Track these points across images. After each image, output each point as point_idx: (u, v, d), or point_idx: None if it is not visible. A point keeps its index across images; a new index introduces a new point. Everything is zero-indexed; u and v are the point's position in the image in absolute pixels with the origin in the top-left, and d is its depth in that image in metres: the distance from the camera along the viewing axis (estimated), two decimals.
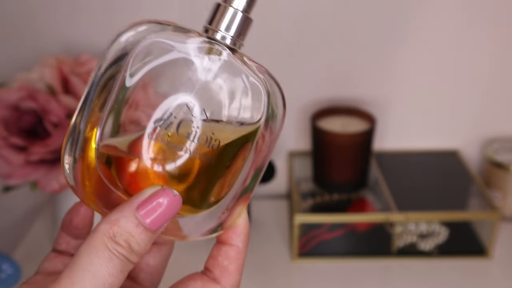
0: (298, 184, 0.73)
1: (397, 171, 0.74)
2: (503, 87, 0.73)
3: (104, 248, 0.24)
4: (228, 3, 0.29)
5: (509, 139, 0.76)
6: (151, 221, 0.25)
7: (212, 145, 0.28)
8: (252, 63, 0.29)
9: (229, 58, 0.28)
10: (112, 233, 0.24)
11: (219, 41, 0.29)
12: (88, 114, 0.28)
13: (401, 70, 0.72)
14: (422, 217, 0.64)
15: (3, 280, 0.59)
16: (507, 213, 0.71)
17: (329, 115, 0.71)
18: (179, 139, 0.27)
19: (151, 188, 0.26)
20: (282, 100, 0.30)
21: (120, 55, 0.28)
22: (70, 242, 0.32)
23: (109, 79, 0.28)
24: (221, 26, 0.29)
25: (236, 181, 0.29)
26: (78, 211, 0.32)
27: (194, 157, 0.28)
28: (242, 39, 0.30)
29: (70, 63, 0.60)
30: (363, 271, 0.64)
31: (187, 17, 0.68)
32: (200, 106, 0.27)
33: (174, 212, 0.26)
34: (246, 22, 0.29)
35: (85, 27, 0.69)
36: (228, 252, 0.29)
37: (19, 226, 0.79)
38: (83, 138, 0.28)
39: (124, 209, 0.25)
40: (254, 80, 0.28)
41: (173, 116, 0.27)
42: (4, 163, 0.55)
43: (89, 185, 0.28)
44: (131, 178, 0.28)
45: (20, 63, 0.70)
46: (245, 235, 0.30)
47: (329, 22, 0.69)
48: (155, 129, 0.27)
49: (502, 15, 0.69)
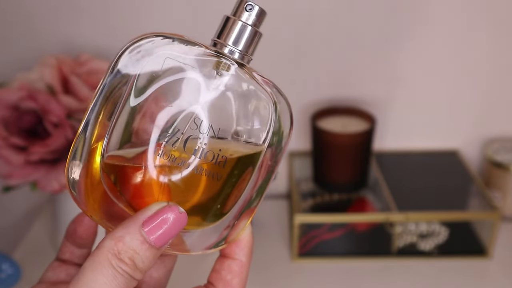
0: (298, 184, 0.73)
1: (397, 171, 0.74)
2: (503, 87, 0.73)
3: (108, 265, 0.24)
4: (237, 17, 0.29)
5: (509, 139, 0.76)
6: (156, 238, 0.25)
7: (218, 161, 0.27)
8: (260, 78, 0.29)
9: (237, 73, 0.28)
10: (117, 250, 0.24)
11: (227, 55, 0.28)
12: (94, 126, 0.27)
13: (401, 70, 0.72)
14: (422, 217, 0.64)
15: (3, 280, 0.59)
16: (507, 213, 0.71)
17: (329, 115, 0.71)
18: (185, 155, 0.27)
19: (157, 204, 0.26)
20: (290, 114, 0.29)
21: (127, 71, 0.27)
22: (74, 252, 0.32)
23: (115, 92, 0.27)
24: (230, 40, 0.28)
25: (241, 196, 0.29)
26: (82, 221, 0.32)
27: (200, 173, 0.27)
28: (251, 53, 0.29)
29: (70, 63, 0.60)
30: (363, 271, 0.64)
31: (187, 17, 0.68)
32: (208, 122, 0.27)
33: (179, 229, 0.26)
34: (255, 36, 0.29)
35: (85, 27, 0.69)
36: (231, 266, 0.29)
37: (19, 226, 0.79)
38: (89, 149, 0.27)
39: (130, 226, 0.25)
40: (262, 95, 0.28)
41: (180, 132, 0.27)
42: (4, 163, 0.55)
43: (92, 197, 0.28)
44: (135, 191, 0.27)
45: (20, 63, 0.70)
46: (248, 248, 0.30)
47: (330, 22, 0.69)
48: (161, 144, 0.27)
49: (502, 15, 0.69)
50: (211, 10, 0.68)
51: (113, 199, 0.28)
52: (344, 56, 0.71)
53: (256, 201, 0.30)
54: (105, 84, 0.27)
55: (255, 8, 0.29)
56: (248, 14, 0.29)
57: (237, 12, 0.29)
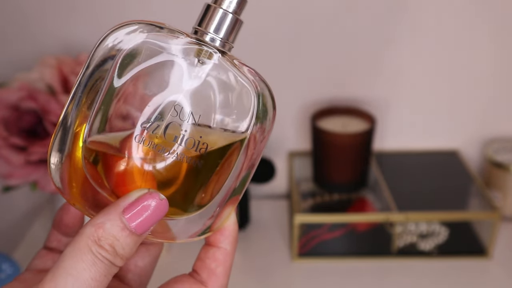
0: (298, 184, 0.73)
1: (397, 171, 0.74)
2: (503, 87, 0.73)
3: (88, 251, 0.24)
4: (218, 4, 0.29)
5: (509, 139, 0.76)
6: (136, 225, 0.25)
7: (199, 148, 0.27)
8: (242, 66, 0.29)
9: (218, 60, 0.28)
10: (97, 237, 0.24)
11: (208, 43, 0.28)
12: (76, 113, 0.27)
13: (401, 70, 0.72)
14: (422, 217, 0.64)
15: (3, 280, 0.59)
16: (507, 213, 0.71)
17: (329, 115, 0.71)
18: (166, 142, 0.27)
19: (138, 191, 0.26)
20: (272, 102, 0.29)
21: (108, 55, 0.27)
22: (61, 240, 0.32)
23: (97, 79, 0.27)
24: (211, 27, 0.28)
25: (225, 184, 0.29)
26: (69, 209, 0.32)
27: (181, 160, 0.27)
28: (232, 41, 0.29)
29: (70, 63, 0.60)
30: (363, 271, 0.64)
31: (188, 17, 0.68)
32: (189, 109, 0.27)
33: (161, 216, 0.26)
34: (236, 24, 0.29)
35: (85, 27, 0.69)
36: (216, 255, 0.29)
37: (19, 226, 0.79)
38: (71, 136, 0.27)
39: (110, 212, 0.25)
40: (244, 82, 0.28)
41: (161, 118, 0.27)
42: (4, 163, 0.55)
43: (75, 185, 0.28)
44: (118, 179, 0.27)
45: (20, 63, 0.70)
46: (233, 237, 0.30)
47: (330, 22, 0.69)
48: (143, 131, 0.27)
49: (502, 15, 0.69)
50: None
51: (95, 186, 0.28)
52: (344, 56, 0.71)
53: (240, 190, 0.30)
54: (87, 71, 0.27)
55: None
56: (229, 2, 0.29)
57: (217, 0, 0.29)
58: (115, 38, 0.27)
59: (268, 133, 0.30)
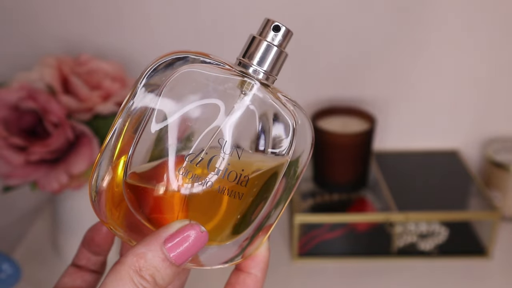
0: (298, 184, 0.73)
1: (397, 171, 0.74)
2: (503, 87, 0.73)
3: (129, 281, 0.24)
4: (263, 37, 0.29)
5: (509, 139, 0.76)
6: (176, 256, 0.25)
7: (241, 181, 0.28)
8: (284, 98, 0.29)
9: (261, 92, 0.28)
10: (138, 267, 0.24)
11: (251, 75, 0.28)
12: (118, 139, 0.28)
13: (401, 70, 0.72)
14: (422, 217, 0.64)
15: (3, 280, 0.59)
16: (507, 213, 0.71)
17: (329, 115, 0.71)
18: (208, 174, 0.27)
19: (179, 222, 0.26)
20: (311, 131, 0.30)
21: (151, 87, 0.28)
22: (90, 258, 0.33)
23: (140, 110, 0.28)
24: (255, 60, 0.29)
25: (261, 212, 0.29)
26: (100, 230, 0.32)
27: (222, 193, 0.28)
28: (276, 73, 0.29)
29: (70, 63, 0.60)
30: (363, 271, 0.64)
31: (189, 16, 0.68)
32: (232, 142, 0.27)
33: (200, 248, 0.26)
34: (281, 57, 0.29)
35: (85, 27, 0.69)
36: (246, 281, 0.29)
37: (19, 226, 0.79)
38: (112, 162, 0.28)
39: (151, 243, 0.25)
40: (285, 115, 0.29)
41: (204, 151, 0.27)
42: (4, 163, 0.55)
43: (113, 209, 0.28)
44: (155, 207, 0.28)
45: (20, 63, 0.70)
46: (264, 264, 0.30)
47: (330, 22, 0.69)
48: (183, 162, 0.27)
49: (502, 15, 0.69)
50: (212, 10, 0.68)
51: (134, 213, 0.28)
52: (345, 56, 0.71)
53: (274, 217, 0.30)
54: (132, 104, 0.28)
55: (282, 29, 0.29)
56: (274, 35, 0.29)
57: (263, 31, 0.29)
58: (158, 68, 0.28)
59: (305, 164, 0.30)
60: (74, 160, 0.56)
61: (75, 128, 0.55)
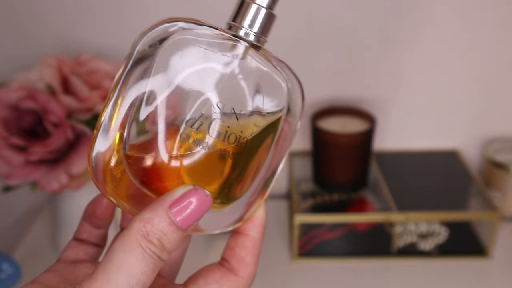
0: (298, 184, 0.73)
1: (397, 171, 0.74)
2: (503, 87, 0.73)
3: (138, 246, 0.24)
4: (252, 0, 0.29)
5: (509, 139, 0.76)
6: (182, 220, 0.25)
7: (241, 143, 0.28)
8: (274, 59, 0.30)
9: (252, 54, 0.29)
10: (145, 232, 0.25)
11: (243, 37, 0.29)
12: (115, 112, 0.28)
13: (401, 70, 0.72)
14: (422, 217, 0.64)
15: (3, 280, 0.59)
16: (507, 213, 0.71)
17: (329, 115, 0.71)
18: (208, 138, 0.28)
19: (183, 187, 0.26)
20: (301, 93, 0.31)
21: (145, 54, 0.28)
22: (92, 232, 0.33)
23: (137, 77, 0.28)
24: (245, 22, 0.29)
25: (258, 175, 0.30)
26: (101, 202, 0.32)
27: (224, 156, 0.28)
28: (266, 35, 0.30)
29: (70, 63, 0.60)
30: (363, 271, 0.64)
31: (189, 16, 0.68)
32: (229, 106, 0.28)
33: (205, 212, 0.26)
34: (270, 19, 0.30)
35: (85, 27, 0.69)
36: (245, 243, 0.30)
37: (19, 226, 0.79)
38: (111, 135, 0.28)
39: (157, 208, 0.25)
40: (276, 76, 0.29)
41: (204, 116, 0.27)
42: (4, 163, 0.55)
43: (113, 179, 0.28)
44: (157, 176, 0.28)
45: (20, 63, 0.70)
46: (262, 226, 0.31)
47: (330, 22, 0.69)
48: (178, 128, 0.27)
49: (502, 15, 0.69)
50: (212, 10, 0.68)
51: (136, 183, 0.28)
52: (344, 56, 0.71)
53: (270, 182, 0.31)
54: (125, 70, 0.27)
55: None
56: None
57: None
58: (151, 36, 0.28)
59: (297, 123, 0.31)
60: (74, 160, 0.56)
61: (75, 128, 0.55)
